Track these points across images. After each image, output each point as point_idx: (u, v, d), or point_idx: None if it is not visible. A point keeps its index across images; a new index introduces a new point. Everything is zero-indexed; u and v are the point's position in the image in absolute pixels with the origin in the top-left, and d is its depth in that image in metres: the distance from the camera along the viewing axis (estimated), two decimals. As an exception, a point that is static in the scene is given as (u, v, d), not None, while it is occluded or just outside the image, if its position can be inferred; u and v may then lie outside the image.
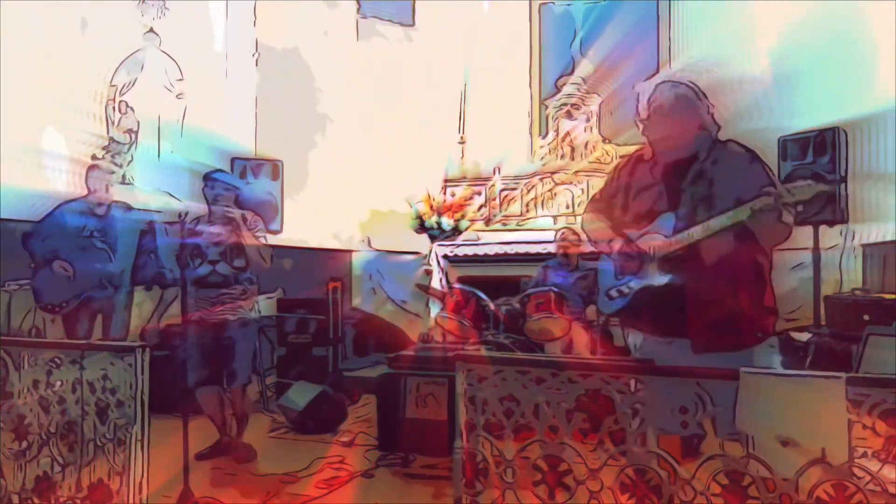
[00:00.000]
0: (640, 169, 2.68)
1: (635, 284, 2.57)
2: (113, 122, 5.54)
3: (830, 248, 5.28)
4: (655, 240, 2.53)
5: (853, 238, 5.37)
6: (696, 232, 2.44)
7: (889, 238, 5.11)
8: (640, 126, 2.65)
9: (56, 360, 2.50)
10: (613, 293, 2.65)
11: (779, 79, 5.87)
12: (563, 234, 5.42)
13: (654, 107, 2.59)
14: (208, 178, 3.83)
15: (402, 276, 6.99)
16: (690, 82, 2.60)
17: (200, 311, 3.66)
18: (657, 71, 6.78)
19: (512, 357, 2.78)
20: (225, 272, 3.71)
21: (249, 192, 4.70)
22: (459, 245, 6.82)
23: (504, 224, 7.14)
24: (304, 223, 6.47)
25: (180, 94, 6.06)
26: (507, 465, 2.03)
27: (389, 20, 7.65)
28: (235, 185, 3.98)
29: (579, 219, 6.61)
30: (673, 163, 2.58)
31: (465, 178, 7.39)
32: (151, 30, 5.88)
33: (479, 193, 7.27)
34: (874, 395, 1.67)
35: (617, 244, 2.65)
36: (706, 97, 2.58)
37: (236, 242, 3.71)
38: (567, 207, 6.87)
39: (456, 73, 7.42)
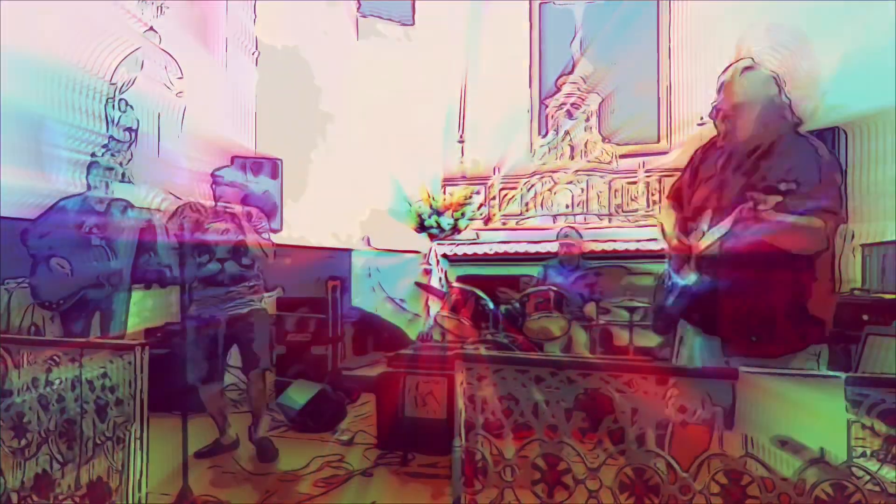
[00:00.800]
0: (710, 156, 2.53)
1: (678, 281, 2.48)
2: (112, 121, 5.53)
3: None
4: (697, 235, 2.43)
5: (853, 238, 5.37)
6: (715, 232, 2.34)
7: (889, 238, 5.10)
8: (714, 113, 2.49)
9: (55, 357, 2.50)
10: (668, 285, 2.54)
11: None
12: (564, 232, 5.43)
13: (731, 94, 2.43)
14: (214, 176, 3.84)
15: (401, 276, 6.99)
16: (773, 71, 2.42)
17: (209, 308, 3.67)
18: (657, 71, 6.79)
19: (511, 356, 2.78)
20: (233, 270, 3.72)
21: (254, 190, 4.71)
22: (459, 244, 6.82)
23: (503, 223, 7.14)
24: (304, 222, 6.46)
25: (180, 92, 6.05)
26: (506, 463, 2.03)
27: (389, 19, 7.64)
28: (241, 183, 3.99)
29: (579, 218, 6.69)
30: (738, 154, 2.43)
31: (464, 177, 7.40)
32: (151, 28, 5.88)
33: (479, 192, 7.27)
34: (873, 395, 1.67)
35: (672, 238, 2.51)
36: (784, 88, 2.40)
37: (241, 240, 3.72)
38: (567, 207, 6.88)
39: (456, 72, 7.41)
